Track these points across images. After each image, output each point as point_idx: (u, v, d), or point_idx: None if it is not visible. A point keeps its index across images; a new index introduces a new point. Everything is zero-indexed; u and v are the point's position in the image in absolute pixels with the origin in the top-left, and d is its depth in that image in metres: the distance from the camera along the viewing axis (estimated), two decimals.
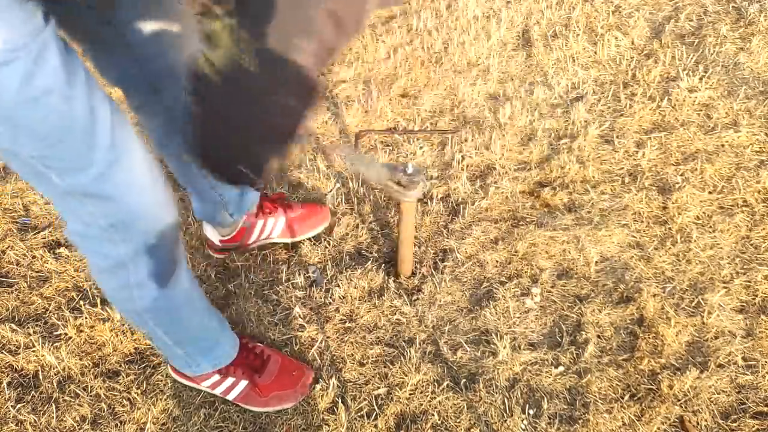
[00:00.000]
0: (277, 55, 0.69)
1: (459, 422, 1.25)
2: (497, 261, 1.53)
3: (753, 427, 1.22)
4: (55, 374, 1.34)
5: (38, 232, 1.63)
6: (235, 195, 1.41)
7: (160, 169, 0.96)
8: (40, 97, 0.74)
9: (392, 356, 1.36)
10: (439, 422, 1.25)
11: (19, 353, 1.37)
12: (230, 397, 1.29)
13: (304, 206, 1.59)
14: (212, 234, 1.52)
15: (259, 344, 1.34)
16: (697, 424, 1.23)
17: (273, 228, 1.54)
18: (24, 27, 0.71)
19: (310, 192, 1.71)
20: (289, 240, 1.57)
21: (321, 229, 1.59)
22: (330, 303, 1.46)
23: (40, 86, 0.74)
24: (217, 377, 1.27)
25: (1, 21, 0.69)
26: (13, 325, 1.42)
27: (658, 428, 1.22)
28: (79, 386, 1.32)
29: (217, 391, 1.28)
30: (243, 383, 1.27)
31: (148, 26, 0.99)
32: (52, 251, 1.58)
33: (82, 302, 1.46)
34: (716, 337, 1.36)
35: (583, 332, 1.38)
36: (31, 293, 1.49)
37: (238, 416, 1.29)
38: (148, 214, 0.95)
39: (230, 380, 1.27)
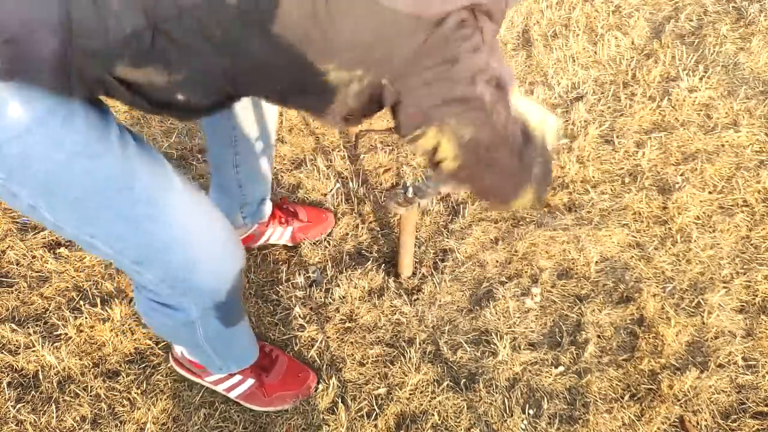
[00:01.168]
0: None
1: (459, 422, 1.25)
2: (497, 261, 1.53)
3: (753, 427, 1.22)
4: (55, 374, 1.34)
5: (38, 232, 1.63)
6: (256, 201, 1.43)
7: (220, 216, 0.92)
8: (69, 159, 0.73)
9: (392, 356, 1.36)
10: (439, 422, 1.25)
11: (19, 353, 1.37)
12: (232, 395, 1.28)
13: (309, 212, 1.59)
14: None
15: (266, 343, 1.35)
16: (697, 424, 1.23)
17: (279, 237, 1.57)
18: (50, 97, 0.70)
19: (310, 192, 1.71)
20: (290, 244, 1.59)
21: (324, 235, 1.60)
22: (330, 303, 1.46)
23: (69, 149, 0.73)
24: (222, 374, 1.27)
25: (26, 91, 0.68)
26: (13, 325, 1.42)
27: (658, 428, 1.22)
28: (79, 386, 1.32)
29: (220, 388, 1.28)
30: (249, 382, 1.27)
31: None
32: (52, 251, 1.58)
33: (82, 302, 1.46)
34: (716, 337, 1.36)
35: (583, 332, 1.38)
36: (31, 293, 1.49)
37: (238, 416, 1.29)
38: (205, 265, 0.91)
39: (237, 378, 1.27)
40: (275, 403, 1.28)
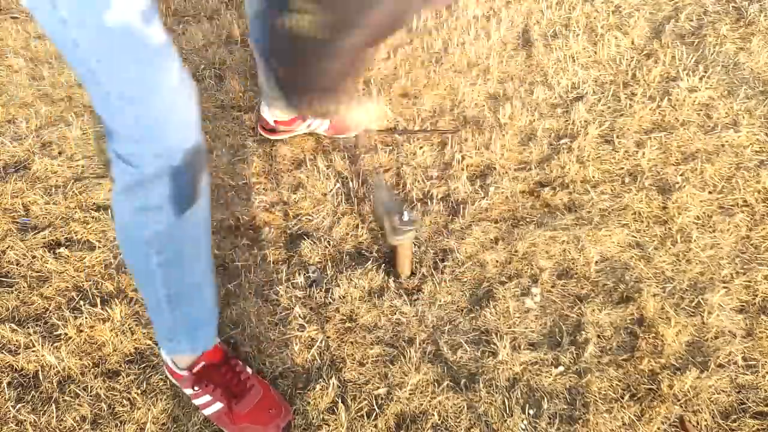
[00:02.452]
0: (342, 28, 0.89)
1: (459, 422, 1.25)
2: (497, 261, 1.53)
3: (753, 427, 1.22)
4: (55, 374, 1.34)
5: (38, 232, 1.63)
6: None
7: (195, 92, 0.99)
8: None
9: (392, 356, 1.36)
10: (439, 422, 1.25)
11: (19, 353, 1.37)
12: (205, 412, 1.27)
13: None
14: (268, 114, 1.79)
15: (248, 370, 1.31)
16: (697, 423, 1.23)
17: (320, 125, 1.82)
18: None
19: (310, 192, 1.71)
20: (329, 135, 1.85)
21: (354, 134, 1.85)
22: (330, 303, 1.46)
23: None
24: (197, 388, 1.25)
25: None
26: (13, 325, 1.42)
27: (658, 428, 1.22)
28: (79, 386, 1.32)
29: (196, 402, 1.27)
30: (218, 405, 1.25)
31: None
32: (52, 251, 1.58)
33: (82, 302, 1.46)
34: (716, 337, 1.36)
35: (583, 332, 1.38)
36: (31, 293, 1.49)
37: None
38: (175, 126, 0.97)
39: (207, 398, 1.25)
40: None
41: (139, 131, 0.97)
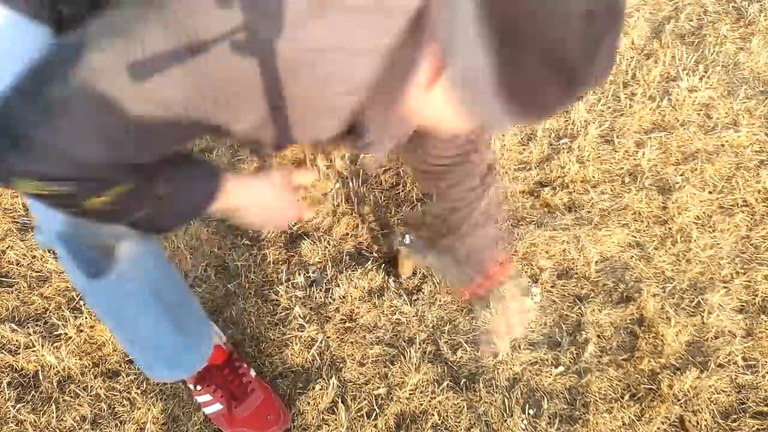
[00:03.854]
0: None
1: (459, 422, 1.25)
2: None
3: (753, 426, 1.22)
4: (55, 374, 1.34)
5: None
6: None
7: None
8: None
9: (392, 356, 1.36)
10: (439, 422, 1.25)
11: (19, 353, 1.37)
12: (205, 411, 1.27)
13: None
14: None
15: (251, 373, 1.30)
16: (697, 423, 1.23)
17: None
18: None
19: (310, 191, 1.71)
20: None
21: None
22: (330, 303, 1.46)
23: None
24: (198, 387, 1.25)
25: None
26: (13, 325, 1.42)
27: (658, 428, 1.22)
28: (79, 386, 1.32)
29: (198, 399, 1.28)
30: (217, 406, 1.25)
31: None
32: (52, 251, 1.58)
33: (82, 302, 1.46)
34: (716, 337, 1.36)
35: (583, 332, 1.38)
36: (31, 293, 1.49)
37: None
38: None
39: (208, 397, 1.25)
40: None
41: None
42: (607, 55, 0.64)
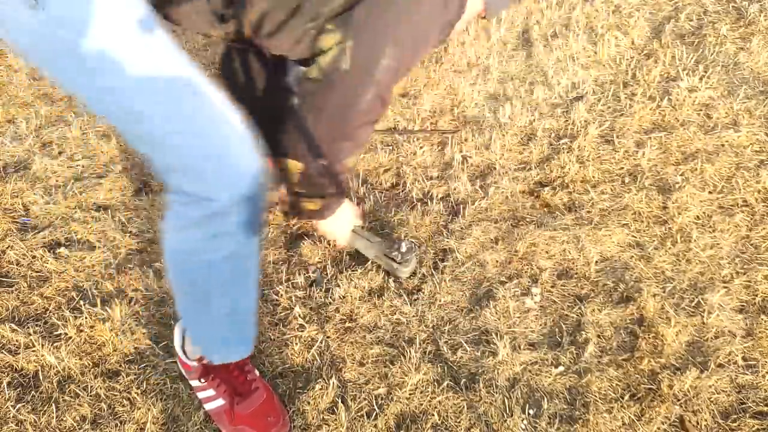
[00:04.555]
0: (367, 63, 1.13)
1: (459, 422, 1.25)
2: (497, 261, 1.53)
3: (753, 426, 1.22)
4: (55, 374, 1.34)
5: (38, 232, 1.63)
6: None
7: (240, 115, 0.99)
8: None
9: (392, 356, 1.36)
10: (439, 422, 1.25)
11: (19, 353, 1.37)
12: (206, 407, 1.27)
13: None
14: None
15: (255, 372, 1.30)
16: (697, 423, 1.23)
17: None
18: None
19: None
20: None
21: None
22: (330, 303, 1.46)
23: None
24: (203, 380, 1.26)
25: None
26: (13, 325, 1.42)
27: (658, 428, 1.22)
28: (79, 386, 1.32)
29: (200, 395, 1.28)
30: (220, 402, 1.25)
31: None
32: (52, 251, 1.58)
33: (82, 302, 1.46)
34: (716, 337, 1.36)
35: (583, 332, 1.38)
36: (31, 293, 1.50)
37: None
38: (239, 153, 0.97)
39: (211, 392, 1.26)
40: None
41: (204, 163, 0.95)
42: None
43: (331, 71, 1.14)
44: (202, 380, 1.25)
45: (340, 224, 1.48)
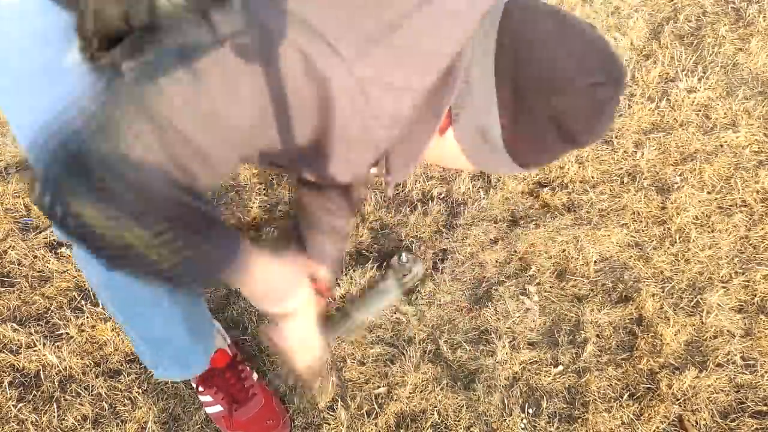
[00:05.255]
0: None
1: (459, 421, 1.26)
2: (497, 261, 1.54)
3: (752, 426, 1.22)
4: (56, 373, 1.35)
5: (40, 232, 1.63)
6: None
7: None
8: None
9: (392, 355, 1.37)
10: (439, 421, 1.26)
11: (21, 353, 1.38)
12: (206, 411, 1.28)
13: None
14: None
15: (253, 377, 1.30)
16: (696, 423, 1.24)
17: None
18: None
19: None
20: None
21: None
22: (330, 302, 1.46)
23: None
24: (201, 388, 1.26)
25: None
26: (14, 325, 1.42)
27: (657, 427, 1.23)
28: (80, 385, 1.33)
29: (200, 399, 1.28)
30: (217, 408, 1.26)
31: None
32: (53, 251, 1.58)
33: (83, 302, 1.47)
34: (715, 337, 1.36)
35: (582, 332, 1.38)
36: (32, 293, 1.50)
37: None
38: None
39: (208, 398, 1.26)
40: None
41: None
42: (608, 119, 0.72)
43: None
44: (200, 388, 1.26)
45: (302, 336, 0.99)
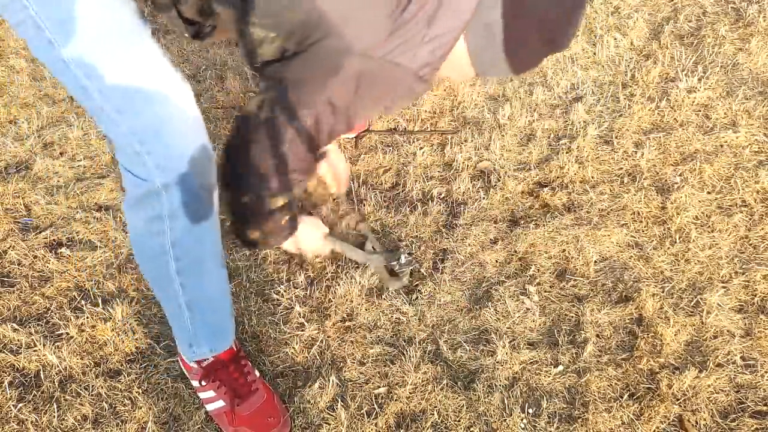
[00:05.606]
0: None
1: (459, 421, 1.26)
2: (497, 261, 1.54)
3: (752, 426, 1.22)
4: (56, 374, 1.35)
5: (40, 232, 1.64)
6: None
7: (191, 96, 1.00)
8: None
9: (392, 355, 1.37)
10: (439, 421, 1.26)
11: (21, 353, 1.38)
12: (208, 407, 1.28)
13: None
14: None
15: (255, 373, 1.31)
16: (696, 423, 1.23)
17: None
18: None
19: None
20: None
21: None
22: (330, 302, 1.46)
23: None
24: (203, 383, 1.26)
25: None
26: (14, 325, 1.42)
27: (657, 427, 1.23)
28: (80, 385, 1.33)
29: (201, 396, 1.28)
30: (220, 403, 1.25)
31: None
32: (53, 251, 1.59)
33: (83, 302, 1.47)
34: (715, 337, 1.36)
35: (582, 332, 1.38)
36: (32, 293, 1.50)
37: None
38: (172, 134, 0.98)
39: (211, 393, 1.26)
40: None
41: (137, 143, 0.97)
42: (576, 24, 0.91)
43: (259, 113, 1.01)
44: (203, 382, 1.26)
45: (304, 242, 1.33)
